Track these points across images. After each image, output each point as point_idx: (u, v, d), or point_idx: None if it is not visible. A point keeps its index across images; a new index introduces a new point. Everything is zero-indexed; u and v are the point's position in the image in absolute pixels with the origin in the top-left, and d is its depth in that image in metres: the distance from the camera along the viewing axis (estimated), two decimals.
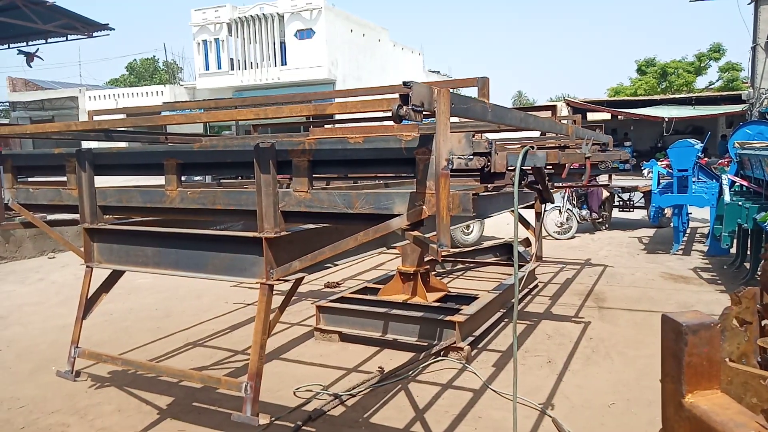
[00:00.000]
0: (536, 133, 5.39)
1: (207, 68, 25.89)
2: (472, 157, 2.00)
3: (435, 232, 2.68)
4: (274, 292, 2.51)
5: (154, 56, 50.83)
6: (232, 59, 25.51)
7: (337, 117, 6.24)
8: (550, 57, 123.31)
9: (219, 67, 25.66)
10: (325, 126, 5.99)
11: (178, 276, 2.72)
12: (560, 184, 4.87)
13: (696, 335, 1.23)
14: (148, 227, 2.89)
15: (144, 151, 2.97)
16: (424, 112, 1.92)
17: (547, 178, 3.05)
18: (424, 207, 2.12)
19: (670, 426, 1.30)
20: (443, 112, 1.97)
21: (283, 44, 24.49)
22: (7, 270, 8.41)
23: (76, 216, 3.06)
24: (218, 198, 2.58)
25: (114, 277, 3.11)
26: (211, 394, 3.83)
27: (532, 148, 2.20)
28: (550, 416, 3.37)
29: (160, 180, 2.77)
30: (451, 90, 2.03)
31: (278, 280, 2.45)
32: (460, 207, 2.04)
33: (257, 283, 2.46)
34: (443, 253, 2.26)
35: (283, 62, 24.53)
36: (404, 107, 1.85)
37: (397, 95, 1.87)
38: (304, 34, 24.12)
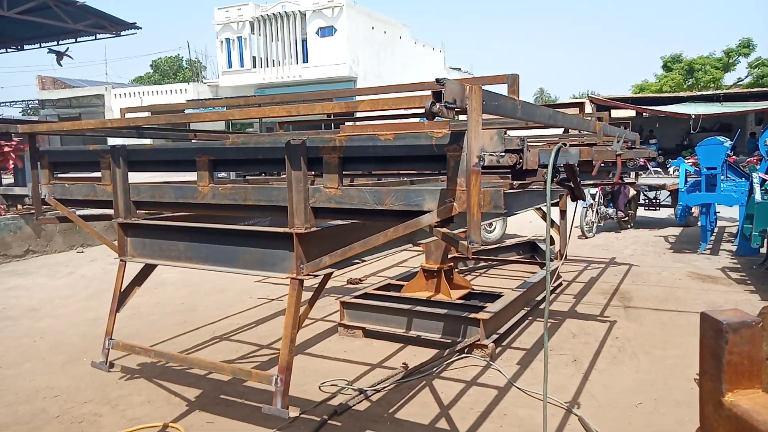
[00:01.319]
0: (557, 131, 5.36)
1: (230, 66, 26.14)
2: (503, 154, 2.00)
3: (461, 229, 2.69)
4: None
5: (178, 54, 51.50)
6: (254, 57, 25.72)
7: (358, 114, 6.27)
8: (573, 53, 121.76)
9: (241, 65, 25.89)
10: (345, 123, 6.03)
11: (209, 270, 2.78)
12: (588, 182, 4.82)
13: (737, 333, 1.22)
14: (181, 222, 2.95)
15: (177, 148, 3.03)
16: (456, 109, 1.93)
17: (578, 175, 3.03)
18: (454, 204, 2.13)
19: (709, 425, 1.29)
20: (475, 109, 1.97)
21: (304, 42, 24.61)
22: (38, 263, 8.63)
23: (105, 211, 3.15)
24: (249, 194, 2.62)
25: (146, 271, 3.18)
26: (238, 387, 3.89)
27: (564, 145, 2.20)
28: (577, 415, 3.35)
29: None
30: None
31: (308, 275, 2.49)
32: (492, 204, 2.05)
33: (287, 277, 2.50)
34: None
35: (305, 60, 24.64)
36: (437, 104, 1.86)
37: (428, 92, 1.89)
38: (326, 31, 24.19)
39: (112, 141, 10.16)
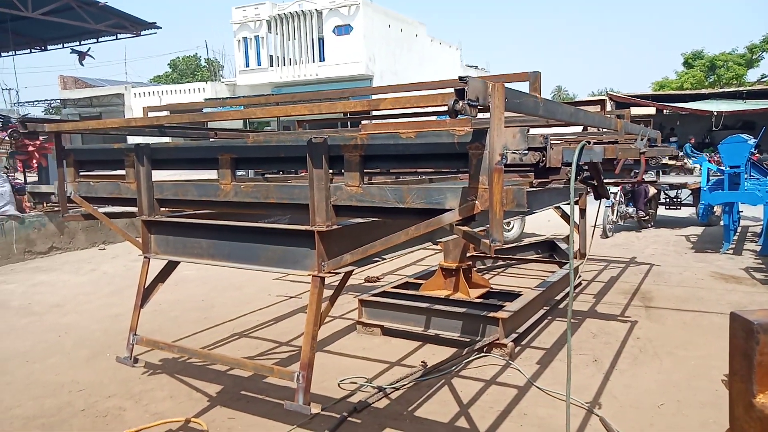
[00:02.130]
0: (573, 129, 5.29)
1: (247, 65, 26.33)
2: (526, 151, 1.99)
3: (480, 228, 2.68)
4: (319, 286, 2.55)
5: (196, 54, 52.02)
6: (271, 56, 25.87)
7: (374, 113, 6.26)
8: (591, 50, 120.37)
9: (258, 64, 26.05)
10: (362, 122, 6.04)
11: (231, 267, 2.81)
12: (609, 181, 4.77)
13: None
14: (203, 220, 2.98)
15: (199, 146, 3.06)
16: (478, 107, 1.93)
17: (602, 173, 3.00)
18: (476, 202, 2.13)
19: (739, 426, 1.28)
20: (498, 107, 1.96)
21: (321, 40, 24.69)
22: (62, 260, 8.79)
23: (125, 209, 3.19)
24: (271, 192, 2.64)
25: (169, 267, 3.23)
26: (258, 384, 3.93)
27: (588, 143, 2.18)
28: (598, 415, 3.33)
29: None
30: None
31: (329, 272, 2.50)
32: (514, 202, 2.04)
33: (309, 275, 2.52)
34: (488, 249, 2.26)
35: (321, 58, 24.72)
36: (460, 102, 1.85)
37: (446, 90, 1.89)
38: (342, 30, 24.24)
39: (131, 139, 10.31)
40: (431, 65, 27.85)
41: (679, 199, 11.08)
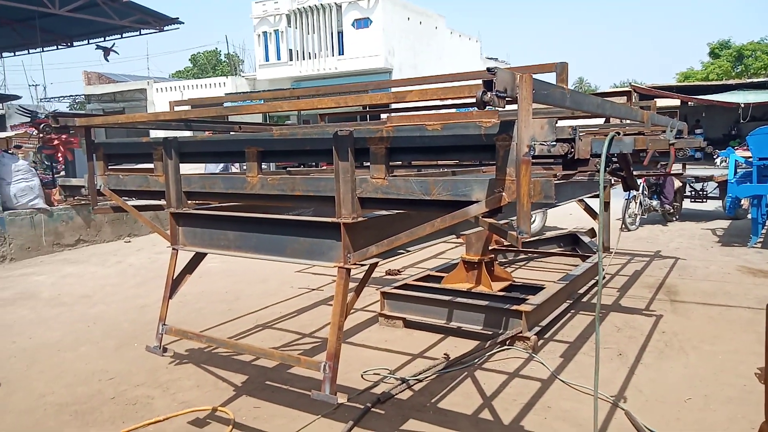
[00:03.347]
0: (596, 121, 5.21)
1: (267, 59, 26.45)
2: (555, 143, 1.98)
3: (504, 221, 2.67)
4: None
5: (216, 48, 52.44)
6: (290, 50, 25.95)
7: (394, 106, 6.24)
8: (614, 41, 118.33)
9: (278, 58, 26.15)
10: (381, 116, 6.03)
11: (258, 259, 2.84)
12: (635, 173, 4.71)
13: None
14: (230, 212, 3.03)
15: (226, 140, 3.10)
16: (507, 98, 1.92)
17: (632, 164, 2.97)
18: (503, 194, 2.12)
19: None
20: (525, 98, 1.95)
21: (340, 34, 24.67)
22: (89, 252, 8.99)
23: (149, 202, 3.24)
24: (297, 184, 2.67)
25: (197, 259, 3.28)
26: (282, 374, 3.98)
27: (618, 134, 2.15)
28: (623, 409, 3.30)
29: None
30: None
31: (355, 264, 2.52)
32: (542, 193, 2.03)
33: (335, 266, 2.54)
34: (506, 242, 2.25)
35: (341, 52, 24.71)
36: (488, 93, 1.85)
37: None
38: (361, 23, 24.18)
39: (153, 133, 10.44)
40: (451, 58, 27.66)
41: (705, 192, 10.88)
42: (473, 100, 1.89)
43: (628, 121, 4.39)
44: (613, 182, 5.12)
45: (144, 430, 3.26)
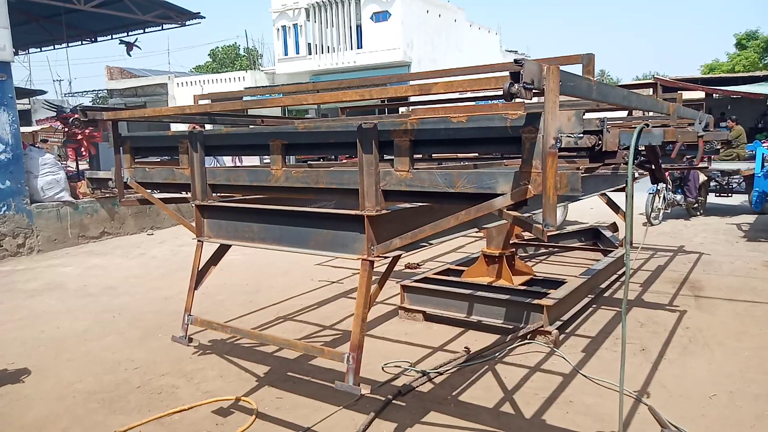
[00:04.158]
0: (619, 113, 5.14)
1: (285, 53, 26.52)
2: (582, 135, 1.96)
3: (527, 214, 2.66)
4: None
5: (236, 43, 52.73)
6: (309, 44, 25.99)
7: (411, 99, 6.22)
8: (636, 33, 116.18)
9: (297, 52, 26.21)
10: (411, 108, 6.02)
11: (282, 251, 2.87)
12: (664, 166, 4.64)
13: None
14: (254, 204, 3.06)
15: (251, 133, 3.13)
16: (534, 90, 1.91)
17: (660, 157, 2.93)
18: (529, 186, 2.11)
19: None
20: (552, 90, 1.94)
21: (359, 27, 24.63)
22: (113, 244, 9.15)
23: (170, 195, 3.28)
24: (321, 177, 2.69)
25: (221, 251, 3.32)
26: (303, 366, 4.02)
27: (647, 125, 2.12)
28: (646, 404, 3.27)
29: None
30: None
31: (379, 256, 2.53)
32: (568, 186, 2.02)
33: (359, 258, 2.56)
34: (527, 236, 2.25)
35: (359, 45, 24.67)
36: (515, 85, 1.84)
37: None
38: (380, 16, 24.10)
39: (174, 127, 10.55)
40: (470, 51, 27.42)
41: (730, 186, 10.66)
42: (496, 92, 1.89)
43: (651, 114, 4.34)
44: (637, 176, 5.05)
45: (169, 419, 3.33)
